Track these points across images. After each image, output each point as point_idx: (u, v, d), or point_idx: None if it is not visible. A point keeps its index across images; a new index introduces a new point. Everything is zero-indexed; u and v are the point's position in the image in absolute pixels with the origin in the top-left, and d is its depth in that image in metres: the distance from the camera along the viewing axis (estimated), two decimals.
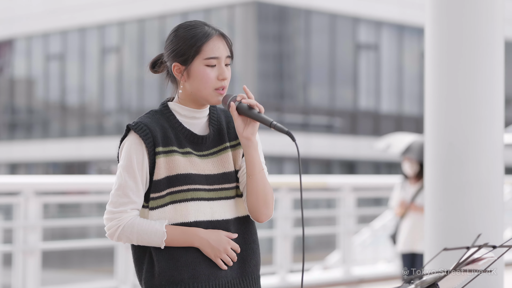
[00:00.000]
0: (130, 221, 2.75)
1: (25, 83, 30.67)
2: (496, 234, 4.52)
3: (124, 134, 2.79)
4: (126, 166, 2.75)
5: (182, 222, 2.76)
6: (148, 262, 2.78)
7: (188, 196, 2.76)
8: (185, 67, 2.76)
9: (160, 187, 2.76)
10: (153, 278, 2.77)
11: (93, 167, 28.57)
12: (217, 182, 2.81)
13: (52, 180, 8.63)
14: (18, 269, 7.11)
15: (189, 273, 2.75)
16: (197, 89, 2.77)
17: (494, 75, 4.55)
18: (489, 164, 4.52)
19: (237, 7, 25.75)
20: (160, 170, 2.75)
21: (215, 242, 2.75)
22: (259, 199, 2.80)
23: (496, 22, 4.56)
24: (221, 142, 2.85)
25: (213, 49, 2.77)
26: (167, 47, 2.81)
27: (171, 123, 2.80)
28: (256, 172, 2.79)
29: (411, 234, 7.36)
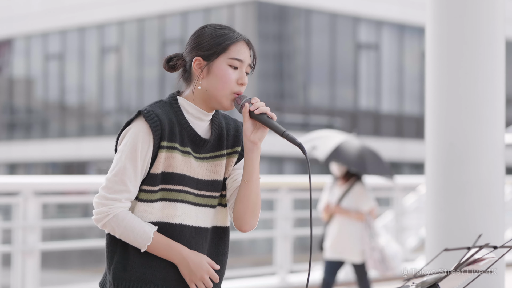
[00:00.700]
0: (122, 213, 2.67)
1: (24, 83, 30.65)
2: (497, 234, 4.53)
3: (132, 117, 2.73)
4: (129, 152, 2.68)
5: (167, 222, 2.71)
6: (120, 252, 2.72)
7: (179, 197, 2.73)
8: (207, 63, 2.73)
9: (155, 182, 2.70)
10: (124, 272, 2.71)
11: (93, 167, 28.55)
12: (205, 189, 2.78)
13: (51, 180, 8.63)
14: (17, 270, 7.10)
15: (161, 275, 2.71)
16: (215, 87, 2.73)
17: (495, 75, 4.56)
18: (490, 164, 4.53)
19: (237, 7, 25.73)
20: (160, 164, 2.70)
21: (194, 266, 2.69)
22: (248, 207, 2.77)
23: (497, 21, 4.57)
24: (219, 148, 2.81)
25: (240, 52, 2.75)
26: (191, 41, 2.78)
27: (179, 118, 2.75)
28: (254, 179, 2.76)
29: (338, 240, 7.00)
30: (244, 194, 2.76)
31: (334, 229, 7.05)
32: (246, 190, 2.75)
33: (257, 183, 2.77)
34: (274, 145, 24.68)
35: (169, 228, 2.71)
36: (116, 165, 2.69)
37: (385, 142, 27.98)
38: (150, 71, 27.04)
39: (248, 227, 2.80)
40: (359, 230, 7.05)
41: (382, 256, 7.06)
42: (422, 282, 2.68)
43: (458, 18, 4.56)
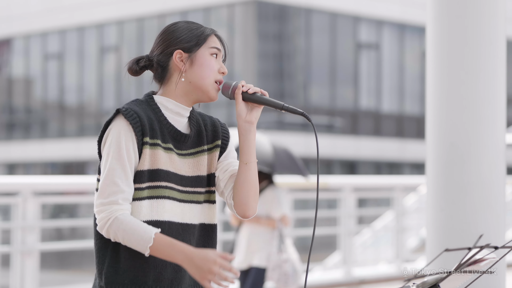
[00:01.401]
0: (121, 216, 2.62)
1: (23, 83, 30.65)
2: (498, 234, 4.53)
3: (111, 117, 2.69)
4: (114, 152, 2.64)
5: (157, 220, 2.67)
6: (111, 256, 2.69)
7: (166, 193, 2.70)
8: (189, 54, 2.75)
9: (142, 179, 2.67)
10: (116, 275, 2.67)
11: (92, 167, 28.53)
12: (189, 185, 2.76)
13: (50, 181, 8.63)
14: (16, 270, 7.09)
15: (154, 276, 2.68)
16: (200, 77, 2.74)
17: (495, 74, 4.56)
18: (491, 164, 4.53)
19: (237, 6, 25.72)
20: (145, 161, 2.67)
21: (200, 261, 2.53)
22: (251, 189, 2.76)
23: (498, 21, 4.57)
24: (199, 144, 2.80)
25: (216, 42, 2.80)
26: (166, 38, 2.77)
27: (157, 115, 2.73)
28: (252, 160, 2.76)
29: (246, 248, 6.48)
30: (246, 177, 2.76)
31: (244, 236, 6.52)
32: (247, 172, 2.76)
33: (255, 164, 2.77)
34: None
35: (159, 225, 2.67)
36: (104, 169, 2.66)
37: (385, 142, 27.98)
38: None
39: (252, 211, 2.78)
40: (269, 238, 6.46)
41: (286, 270, 6.47)
42: (422, 282, 2.66)
43: (459, 17, 4.56)
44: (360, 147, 27.41)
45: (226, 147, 2.85)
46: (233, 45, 25.22)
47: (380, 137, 27.94)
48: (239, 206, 2.78)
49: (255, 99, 2.76)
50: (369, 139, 27.67)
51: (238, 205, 2.78)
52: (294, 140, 25.46)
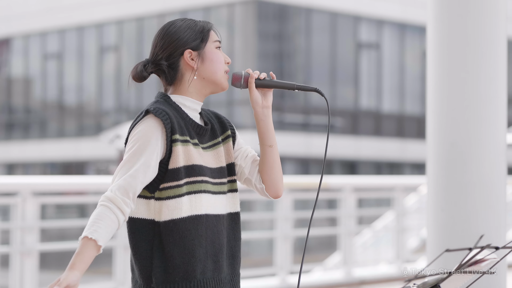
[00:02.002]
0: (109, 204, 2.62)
1: (22, 83, 30.63)
2: (499, 235, 4.54)
3: (140, 117, 2.73)
4: (139, 148, 2.67)
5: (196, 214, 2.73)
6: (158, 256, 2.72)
7: (202, 187, 2.76)
8: (199, 52, 2.82)
9: (179, 176, 2.72)
10: (166, 274, 2.71)
11: (91, 167, 28.53)
12: (217, 176, 2.84)
13: (49, 181, 8.61)
14: (15, 271, 7.08)
15: (200, 269, 2.74)
16: (213, 71, 2.83)
17: (496, 74, 4.57)
18: (491, 164, 4.54)
19: (237, 6, 25.71)
20: (179, 158, 2.72)
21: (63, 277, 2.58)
22: (279, 170, 2.90)
23: (499, 20, 4.58)
24: (214, 136, 2.88)
25: (215, 34, 2.88)
26: (169, 41, 2.80)
27: (180, 113, 2.79)
28: (275, 142, 2.91)
29: None
30: (273, 159, 2.89)
31: None
32: (273, 154, 2.89)
33: (277, 146, 2.92)
34: None
35: (199, 220, 2.74)
36: (128, 152, 2.68)
37: (386, 142, 27.96)
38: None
39: (282, 190, 2.92)
40: None
41: None
42: (423, 283, 2.65)
43: (460, 17, 4.55)
44: (361, 147, 27.39)
45: (236, 135, 2.94)
46: (233, 45, 25.20)
47: (381, 137, 27.92)
48: (271, 188, 2.90)
49: (268, 84, 2.87)
50: (370, 139, 27.65)
51: (270, 186, 2.90)
52: (294, 140, 25.44)
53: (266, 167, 2.89)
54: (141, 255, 2.73)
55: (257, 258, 17.17)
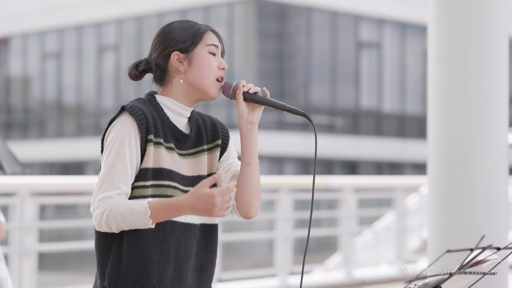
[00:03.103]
0: (111, 204, 2.61)
1: (21, 82, 30.64)
2: (501, 235, 4.52)
3: (116, 114, 2.70)
4: (115, 148, 2.64)
5: None
6: (115, 254, 2.68)
7: (169, 192, 2.70)
8: (187, 54, 2.75)
9: (146, 177, 2.67)
10: (119, 274, 2.67)
11: (90, 167, 28.52)
12: (190, 184, 2.75)
13: (48, 181, 8.60)
14: (14, 271, 7.08)
15: (157, 275, 2.68)
16: (199, 76, 2.74)
17: (498, 74, 4.57)
18: (493, 164, 4.55)
19: (236, 5, 25.70)
20: (149, 159, 2.67)
21: (200, 204, 2.53)
22: (254, 190, 2.77)
23: (500, 20, 4.58)
24: (199, 144, 2.81)
25: (213, 38, 2.79)
26: (161, 40, 2.78)
27: (160, 114, 2.74)
28: (255, 160, 2.78)
29: None
30: (248, 178, 2.76)
31: None
32: (249, 173, 2.77)
33: (257, 165, 2.78)
34: (274, 146, 24.64)
35: (161, 225, 2.68)
36: (104, 164, 2.66)
37: (386, 142, 27.96)
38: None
39: (255, 211, 2.80)
40: None
41: None
42: (424, 283, 2.64)
43: (461, 16, 4.55)
44: (361, 147, 27.38)
45: (227, 146, 2.86)
46: (233, 44, 25.18)
47: (381, 137, 27.91)
48: (242, 207, 2.79)
49: (256, 99, 2.76)
50: (370, 139, 27.64)
51: (241, 205, 2.79)
52: (294, 140, 25.43)
53: (240, 185, 2.76)
54: (100, 252, 2.70)
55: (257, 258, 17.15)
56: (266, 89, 2.79)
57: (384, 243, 11.40)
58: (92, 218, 2.65)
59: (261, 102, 2.76)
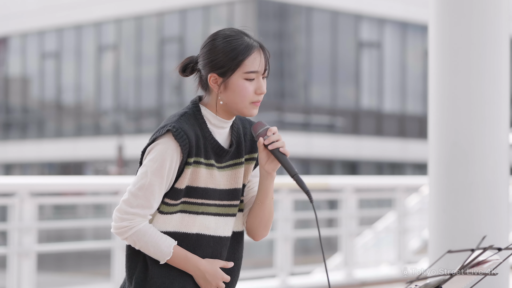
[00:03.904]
0: (144, 227, 2.70)
1: (20, 82, 30.67)
2: (502, 236, 4.51)
3: (160, 133, 2.70)
4: (156, 169, 2.68)
5: (184, 232, 2.74)
6: (143, 262, 2.76)
7: (200, 209, 2.75)
8: (223, 79, 2.72)
9: (178, 196, 2.73)
10: (144, 281, 2.74)
11: (90, 167, 28.54)
12: (226, 198, 2.80)
13: (47, 181, 8.56)
14: (13, 272, 7.05)
15: (180, 284, 2.74)
16: (234, 102, 2.73)
17: (499, 73, 4.57)
18: (494, 164, 4.53)
19: (236, 4, 25.69)
20: (185, 180, 2.72)
21: (210, 277, 2.75)
22: (261, 223, 2.84)
23: (501, 19, 4.57)
24: (238, 155, 2.83)
25: (254, 63, 2.73)
26: (204, 56, 2.76)
27: (203, 131, 2.75)
28: (267, 201, 2.81)
29: None
30: (258, 213, 2.83)
31: None
32: (260, 210, 2.83)
33: (270, 203, 2.82)
34: None
35: (186, 237, 2.75)
36: (141, 180, 2.69)
37: (387, 142, 27.95)
38: (148, 69, 27.00)
39: (259, 238, 2.88)
40: None
41: None
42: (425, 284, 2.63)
43: (462, 15, 4.54)
44: (362, 147, 27.37)
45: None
46: None
47: (382, 137, 27.91)
48: (249, 232, 2.88)
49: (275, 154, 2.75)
50: (371, 139, 27.63)
51: (248, 229, 2.88)
52: (294, 140, 25.41)
53: (251, 215, 2.86)
54: (129, 257, 2.78)
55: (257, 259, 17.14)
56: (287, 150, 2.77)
57: (384, 243, 11.38)
58: (114, 221, 2.71)
59: (278, 158, 2.75)
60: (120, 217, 2.70)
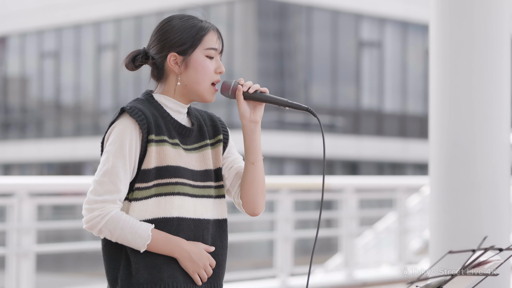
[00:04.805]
0: (116, 214, 2.63)
1: (18, 82, 30.68)
2: (503, 236, 4.52)
3: (116, 116, 2.69)
4: (116, 150, 2.64)
5: (164, 216, 2.67)
6: (125, 258, 2.69)
7: (175, 190, 2.69)
8: (184, 57, 2.72)
9: (148, 178, 2.67)
10: (130, 277, 2.67)
11: (89, 167, 28.52)
12: (199, 179, 2.76)
13: (46, 181, 8.54)
14: (11, 273, 7.05)
15: (169, 272, 2.68)
16: (195, 81, 2.73)
17: (500, 73, 4.59)
18: (495, 164, 4.55)
19: (236, 3, 25.69)
20: (151, 159, 2.67)
21: (196, 256, 2.69)
22: (259, 188, 2.80)
23: (503, 19, 4.59)
24: (202, 138, 2.80)
25: (213, 40, 2.76)
26: (161, 38, 2.75)
27: (160, 112, 2.73)
28: (259, 159, 2.79)
29: None
30: (253, 176, 2.78)
31: None
32: (254, 171, 2.78)
33: (262, 163, 2.80)
34: (275, 146, 24.59)
35: (167, 222, 2.68)
36: (104, 166, 2.65)
37: (388, 142, 27.94)
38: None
39: (260, 208, 2.83)
40: None
41: None
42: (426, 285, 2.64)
43: (463, 15, 4.54)
44: (362, 147, 27.36)
45: (228, 142, 2.87)
46: (233, 43, 25.17)
47: (383, 137, 27.90)
48: (248, 205, 2.81)
49: (257, 98, 2.75)
50: (371, 139, 27.62)
51: (247, 203, 2.81)
52: (294, 140, 25.40)
53: (245, 183, 2.79)
54: (110, 257, 2.71)
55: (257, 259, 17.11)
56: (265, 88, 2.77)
57: (385, 244, 11.38)
58: (84, 215, 2.65)
59: (262, 100, 2.75)
60: (89, 208, 2.63)
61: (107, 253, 2.71)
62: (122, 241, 2.64)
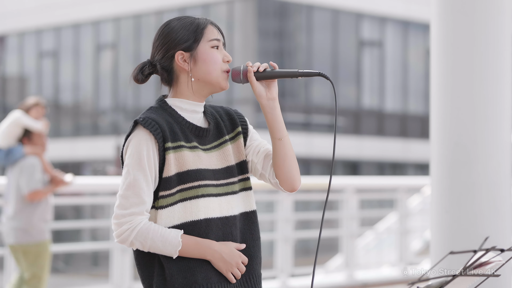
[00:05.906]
0: (144, 225, 2.70)
1: (17, 81, 30.70)
2: (504, 237, 4.49)
3: (130, 129, 2.76)
4: (135, 163, 2.71)
5: (192, 220, 2.74)
6: (158, 265, 2.74)
7: (199, 192, 2.75)
8: (191, 53, 2.78)
9: (170, 185, 2.73)
10: (165, 282, 2.73)
11: (88, 168, 28.53)
12: (222, 177, 2.82)
13: None
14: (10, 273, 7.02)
15: (203, 274, 2.73)
16: (207, 72, 2.79)
17: (502, 72, 4.59)
18: (497, 164, 4.54)
19: (236, 3, 25.69)
20: (171, 167, 2.73)
21: (227, 256, 2.74)
22: (292, 162, 2.85)
23: (504, 18, 4.60)
24: (220, 135, 2.86)
25: (213, 32, 2.83)
26: (163, 42, 2.81)
27: (174, 117, 2.79)
28: (285, 134, 2.84)
29: None
30: (284, 152, 2.83)
31: None
32: (283, 147, 2.83)
33: (288, 137, 2.86)
34: None
35: (195, 225, 2.74)
36: (126, 180, 2.72)
37: (389, 142, 27.93)
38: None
39: (298, 182, 2.88)
40: None
41: None
42: (427, 286, 2.65)
43: (464, 14, 4.54)
44: (363, 147, 27.36)
45: (247, 131, 2.92)
46: (233, 43, 25.17)
47: (383, 137, 27.89)
48: (285, 182, 2.85)
49: (269, 75, 2.82)
50: (372, 139, 27.61)
51: (284, 180, 2.85)
52: (294, 140, 25.39)
53: (277, 161, 2.84)
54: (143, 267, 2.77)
55: None
56: (274, 63, 2.84)
57: (386, 244, 11.38)
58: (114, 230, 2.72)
59: (274, 76, 2.81)
60: (118, 222, 2.70)
61: (141, 262, 2.77)
62: (154, 250, 2.70)
